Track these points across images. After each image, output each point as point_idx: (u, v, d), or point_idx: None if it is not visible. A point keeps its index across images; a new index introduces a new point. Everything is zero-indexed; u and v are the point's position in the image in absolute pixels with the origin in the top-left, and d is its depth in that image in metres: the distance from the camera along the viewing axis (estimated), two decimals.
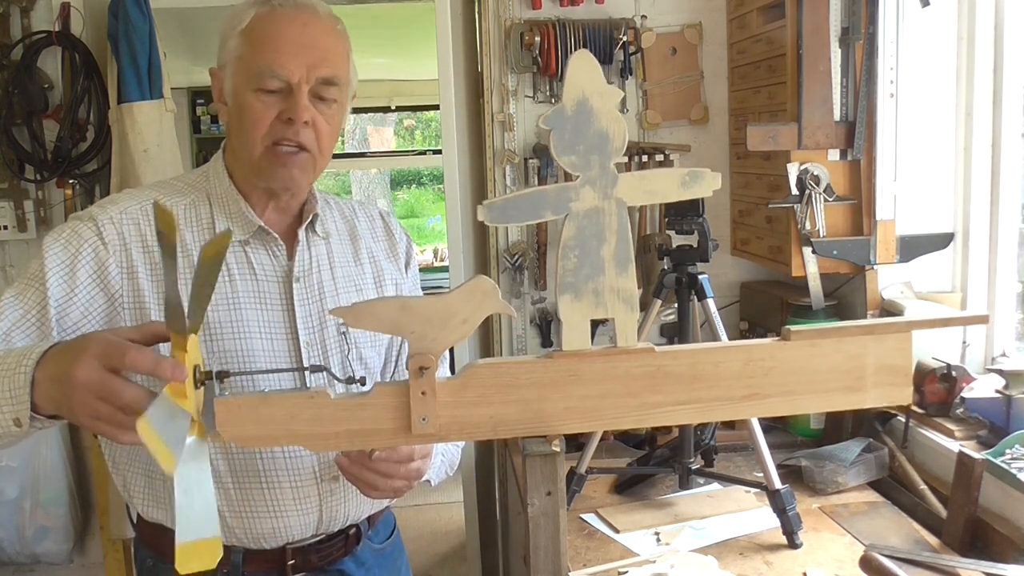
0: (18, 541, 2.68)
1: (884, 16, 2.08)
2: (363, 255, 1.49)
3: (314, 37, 1.30)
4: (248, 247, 1.36)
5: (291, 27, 1.29)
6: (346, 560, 1.44)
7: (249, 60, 1.29)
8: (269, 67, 1.27)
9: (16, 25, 2.61)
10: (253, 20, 1.31)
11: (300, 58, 1.28)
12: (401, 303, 0.90)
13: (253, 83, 1.28)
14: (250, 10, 1.32)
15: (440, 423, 0.92)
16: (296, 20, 1.30)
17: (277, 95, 1.29)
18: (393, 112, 7.77)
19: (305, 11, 1.32)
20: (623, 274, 0.92)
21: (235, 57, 1.31)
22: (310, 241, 1.42)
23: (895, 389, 0.96)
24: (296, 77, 1.28)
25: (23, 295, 1.24)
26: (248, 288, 1.34)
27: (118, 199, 1.35)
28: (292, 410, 0.92)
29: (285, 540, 1.36)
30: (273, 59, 1.27)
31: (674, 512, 1.95)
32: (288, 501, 1.34)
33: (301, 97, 1.28)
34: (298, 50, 1.28)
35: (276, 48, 1.28)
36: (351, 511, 1.42)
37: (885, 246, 2.13)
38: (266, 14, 1.31)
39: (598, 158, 0.90)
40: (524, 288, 2.64)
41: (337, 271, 1.44)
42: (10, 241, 2.68)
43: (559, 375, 0.93)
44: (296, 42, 1.29)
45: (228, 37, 1.33)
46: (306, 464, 1.34)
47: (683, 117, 2.62)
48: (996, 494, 1.71)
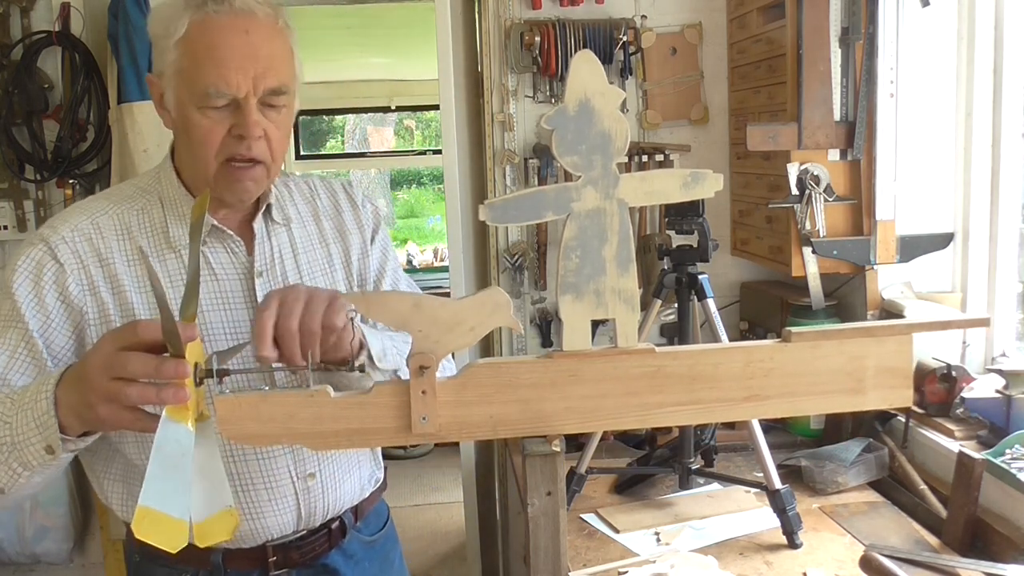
0: (18, 541, 2.68)
1: (884, 16, 2.08)
2: (328, 235, 1.45)
3: (256, 45, 1.23)
4: (205, 247, 1.32)
5: (231, 37, 1.22)
6: (332, 554, 1.42)
7: (190, 76, 1.22)
8: (214, 85, 1.20)
9: (16, 25, 2.61)
10: (189, 29, 1.22)
11: (245, 71, 1.21)
12: (415, 301, 0.91)
13: (198, 100, 1.22)
14: (183, 16, 1.23)
15: (440, 422, 0.92)
16: (235, 28, 1.22)
17: (224, 110, 1.23)
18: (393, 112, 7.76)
19: (242, 16, 1.23)
20: (624, 274, 0.92)
21: (175, 70, 1.24)
22: (269, 231, 1.38)
23: (895, 391, 0.96)
24: (243, 92, 1.22)
25: (3, 336, 1.24)
26: (209, 290, 1.31)
27: (68, 216, 1.32)
28: (292, 409, 0.92)
29: (264, 539, 1.35)
30: (216, 76, 1.20)
31: (674, 512, 1.95)
32: (264, 502, 1.33)
33: (251, 112, 1.22)
34: (242, 63, 1.21)
35: (218, 63, 1.20)
36: (331, 506, 1.40)
37: (885, 246, 2.13)
38: (201, 22, 1.22)
39: (600, 158, 0.90)
40: (524, 288, 2.64)
41: (301, 257, 1.40)
42: (10, 241, 2.68)
43: (559, 375, 0.93)
44: (239, 54, 1.21)
45: (164, 47, 1.25)
46: (280, 464, 1.33)
47: (683, 117, 2.63)
48: (996, 494, 1.71)
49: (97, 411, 1.01)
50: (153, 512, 0.86)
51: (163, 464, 0.87)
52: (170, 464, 0.88)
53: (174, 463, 0.88)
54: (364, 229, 1.49)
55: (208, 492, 0.94)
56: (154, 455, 0.87)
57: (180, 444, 0.89)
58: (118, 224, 1.31)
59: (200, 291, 1.25)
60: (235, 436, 0.93)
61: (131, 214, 1.32)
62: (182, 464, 0.89)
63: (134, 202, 1.34)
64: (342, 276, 1.44)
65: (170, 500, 0.87)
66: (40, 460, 1.09)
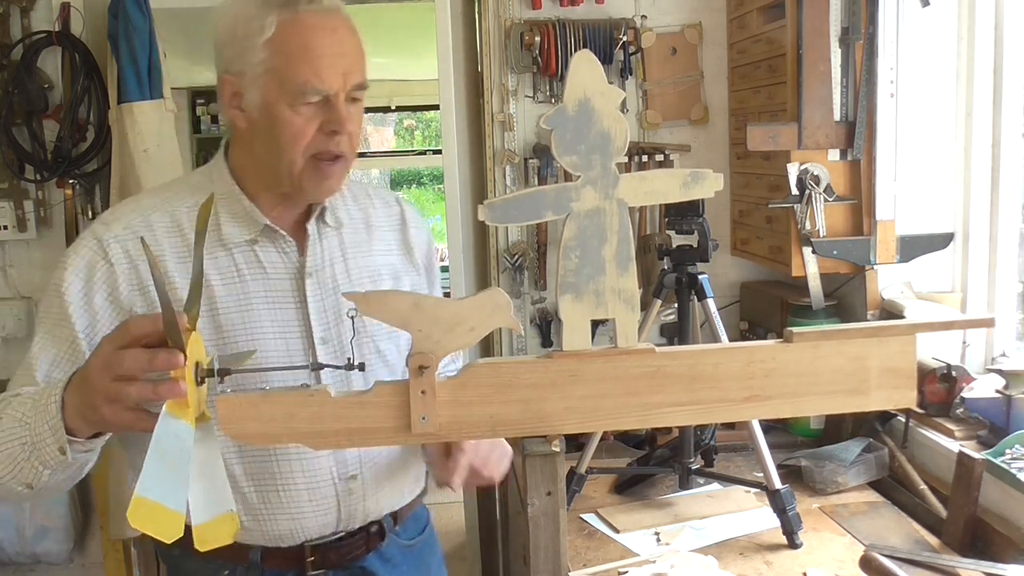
0: (18, 541, 2.67)
1: (884, 16, 2.07)
2: (377, 245, 1.46)
3: (343, 43, 1.27)
4: (257, 246, 1.34)
5: (322, 35, 1.25)
6: (370, 557, 1.43)
7: (284, 74, 1.24)
8: (309, 82, 1.24)
9: (16, 25, 2.61)
10: (279, 29, 1.25)
11: (336, 68, 1.25)
12: (415, 300, 0.91)
13: (290, 98, 1.25)
14: (268, 15, 1.25)
15: (440, 422, 0.92)
16: (325, 26, 1.26)
17: (315, 106, 1.26)
18: (393, 112, 7.76)
19: (330, 15, 1.27)
20: (624, 274, 0.92)
21: (264, 70, 1.26)
22: (321, 233, 1.39)
23: (899, 392, 0.96)
24: (335, 88, 1.25)
25: (53, 334, 1.27)
26: (259, 288, 1.32)
27: (121, 213, 1.34)
28: (292, 408, 0.92)
29: (303, 539, 1.36)
30: (311, 73, 1.24)
31: (674, 512, 1.95)
32: (304, 502, 1.34)
33: (342, 108, 1.26)
34: (333, 60, 1.25)
35: (313, 61, 1.24)
36: (371, 509, 1.40)
37: (885, 246, 2.13)
38: (292, 21, 1.25)
39: (600, 158, 0.90)
40: (524, 288, 2.64)
41: (351, 262, 1.41)
42: (10, 241, 2.68)
43: (559, 375, 0.93)
44: (331, 52, 1.25)
45: (246, 47, 1.26)
46: (322, 465, 1.33)
47: (683, 117, 2.62)
48: (996, 494, 1.71)
49: (101, 412, 1.01)
50: (149, 502, 0.86)
51: (161, 459, 0.87)
52: (168, 459, 0.87)
53: (172, 459, 0.88)
54: (412, 251, 1.50)
55: (209, 495, 0.94)
56: (152, 449, 0.87)
57: (179, 440, 0.89)
58: (170, 221, 1.32)
59: (248, 289, 1.31)
60: (235, 435, 0.93)
61: (182, 212, 1.33)
62: (180, 460, 0.88)
63: (185, 200, 1.35)
64: (389, 287, 1.44)
65: (167, 492, 0.87)
66: (56, 460, 1.11)
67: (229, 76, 1.30)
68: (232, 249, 1.32)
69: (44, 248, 2.70)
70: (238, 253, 1.32)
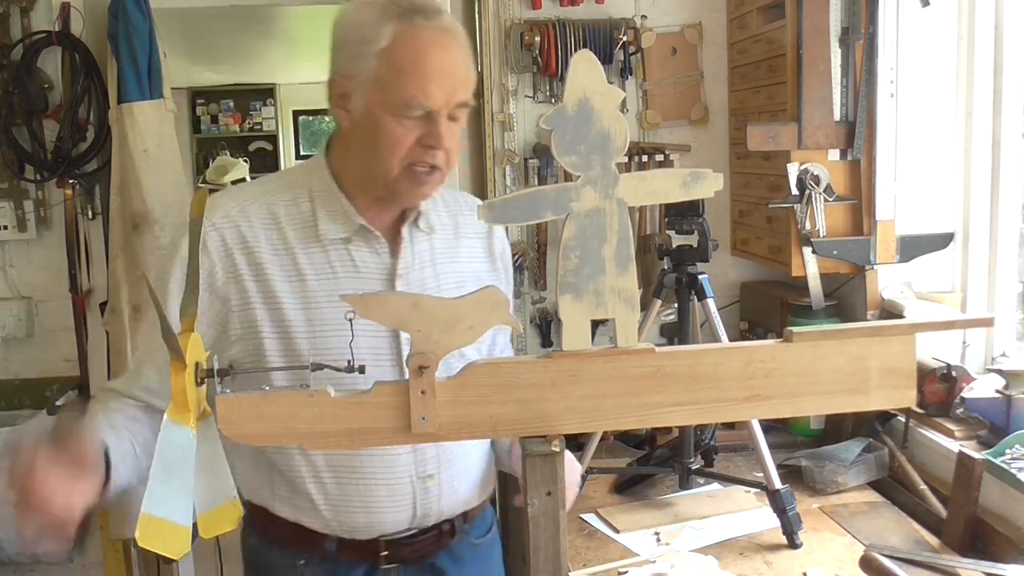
0: (18, 541, 2.67)
1: (884, 16, 2.08)
2: (464, 252, 1.49)
3: (455, 62, 1.30)
4: (350, 245, 1.37)
5: (434, 52, 1.28)
6: (441, 555, 1.46)
7: (391, 86, 1.27)
8: (415, 97, 1.26)
9: (16, 25, 2.60)
10: (394, 41, 1.27)
11: (442, 86, 1.28)
12: (413, 300, 0.90)
13: (395, 109, 1.28)
14: (386, 25, 1.27)
15: (440, 422, 0.92)
16: (439, 44, 1.29)
17: (417, 120, 1.29)
18: None
19: (446, 33, 1.30)
20: (624, 274, 0.92)
21: (372, 77, 1.29)
22: (414, 237, 1.42)
23: (899, 391, 0.95)
24: (439, 105, 1.28)
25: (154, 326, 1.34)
26: (350, 285, 1.35)
27: (222, 202, 1.38)
28: (293, 408, 0.92)
29: (379, 533, 1.39)
30: (418, 89, 1.26)
31: (674, 512, 1.95)
32: (383, 497, 1.37)
33: (442, 125, 1.29)
34: (442, 79, 1.28)
35: (422, 77, 1.26)
36: (444, 508, 1.43)
37: (885, 246, 2.13)
38: (407, 34, 1.27)
39: (599, 158, 0.90)
40: (524, 288, 2.64)
41: (440, 267, 1.44)
42: (10, 241, 2.68)
43: (559, 375, 0.93)
44: (440, 70, 1.28)
45: (360, 53, 1.29)
46: (402, 462, 1.37)
47: (683, 117, 2.63)
48: (996, 494, 1.71)
49: None
50: (156, 520, 0.86)
51: (165, 467, 0.87)
52: (172, 468, 0.88)
53: (176, 466, 0.88)
54: (496, 258, 1.56)
55: (212, 485, 0.95)
56: (156, 460, 0.87)
57: (181, 447, 0.89)
58: (266, 214, 1.37)
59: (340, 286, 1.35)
60: (235, 435, 0.93)
61: (279, 205, 1.38)
62: (184, 467, 0.89)
63: (282, 194, 1.39)
64: None
65: (172, 506, 0.87)
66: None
67: (340, 78, 1.34)
68: (327, 246, 1.36)
69: (44, 248, 2.70)
70: (332, 250, 1.36)
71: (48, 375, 2.73)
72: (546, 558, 1.02)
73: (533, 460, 0.98)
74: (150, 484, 0.87)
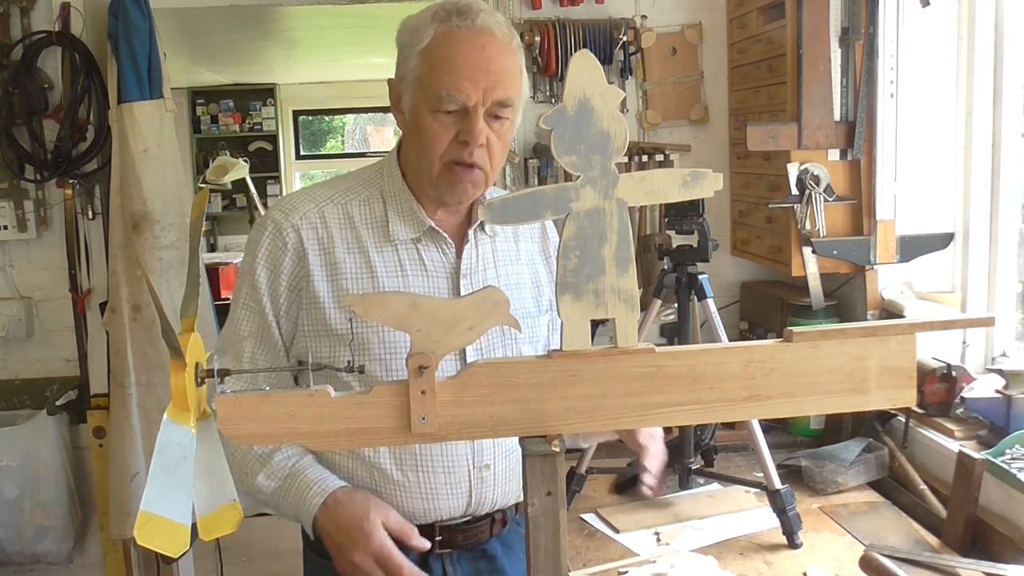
0: (18, 541, 2.67)
1: (884, 16, 2.08)
2: (523, 255, 1.55)
3: (490, 60, 1.33)
4: (420, 244, 1.43)
5: (469, 50, 1.33)
6: (493, 542, 1.51)
7: (428, 81, 1.33)
8: (447, 91, 1.31)
9: (16, 25, 2.61)
10: (432, 40, 1.34)
11: (476, 82, 1.32)
12: (413, 300, 0.91)
13: (431, 104, 1.33)
14: (429, 28, 1.35)
15: (440, 422, 0.92)
16: (474, 43, 1.33)
17: (454, 115, 1.34)
18: None
19: (483, 33, 1.34)
20: (624, 274, 0.92)
21: (415, 76, 1.36)
22: (478, 240, 1.48)
23: (899, 391, 0.96)
24: (472, 100, 1.32)
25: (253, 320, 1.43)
26: (419, 283, 1.42)
27: (297, 203, 1.44)
28: (293, 408, 0.92)
29: (435, 519, 1.43)
30: (451, 83, 1.31)
31: (674, 512, 1.95)
32: (440, 485, 1.42)
33: (477, 121, 1.33)
34: (474, 75, 1.32)
35: (453, 72, 1.32)
36: (499, 498, 1.48)
37: (885, 246, 2.13)
38: (444, 34, 1.34)
39: (599, 158, 0.90)
40: None
41: (500, 269, 1.50)
42: (10, 241, 2.68)
43: (559, 375, 0.93)
44: (473, 66, 1.32)
45: (408, 54, 1.37)
46: (460, 451, 1.42)
47: (683, 117, 2.63)
48: (996, 494, 1.71)
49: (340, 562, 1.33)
50: (155, 518, 0.86)
51: (165, 466, 0.87)
52: (172, 466, 0.88)
53: (175, 465, 0.88)
54: (550, 261, 1.60)
55: (212, 487, 0.95)
56: (155, 459, 0.88)
57: (181, 446, 0.89)
58: (342, 213, 1.43)
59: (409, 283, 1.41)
60: (236, 435, 0.93)
61: (354, 205, 1.44)
62: (183, 466, 0.89)
63: (356, 193, 1.46)
64: (530, 295, 1.54)
65: (171, 504, 0.87)
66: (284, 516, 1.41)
67: (395, 80, 1.42)
68: (397, 245, 1.42)
69: (44, 248, 2.70)
70: (402, 249, 1.43)
71: (48, 375, 2.74)
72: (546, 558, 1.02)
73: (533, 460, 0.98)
74: (149, 482, 0.87)
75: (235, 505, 0.97)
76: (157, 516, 0.86)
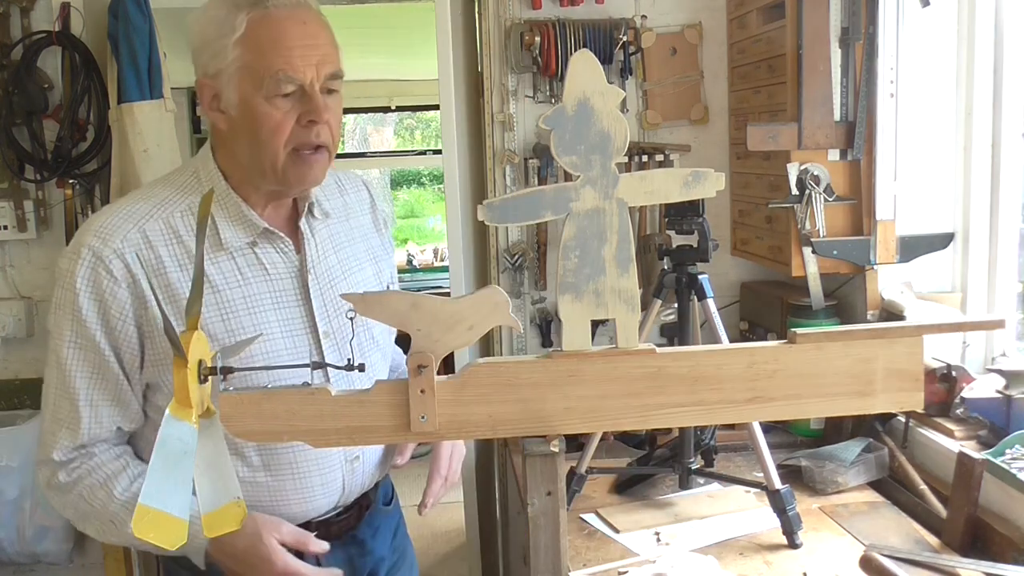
0: (18, 541, 2.67)
1: (884, 16, 2.07)
2: (356, 232, 1.52)
3: (314, 34, 1.30)
4: (256, 248, 1.37)
5: (292, 27, 1.28)
6: (360, 526, 1.52)
7: (257, 68, 1.27)
8: (283, 71, 1.26)
9: (16, 25, 2.60)
10: (249, 26, 1.27)
11: (308, 59, 1.28)
12: (413, 300, 0.91)
13: (266, 91, 1.27)
14: (238, 15, 1.28)
15: (439, 421, 0.92)
16: (294, 18, 1.29)
17: (291, 98, 1.28)
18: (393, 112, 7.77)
19: (299, 9, 1.30)
20: (624, 274, 0.92)
21: (236, 67, 1.29)
22: (313, 228, 1.43)
23: (905, 394, 0.95)
24: (308, 78, 1.28)
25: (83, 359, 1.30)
26: (263, 289, 1.36)
27: (114, 226, 1.32)
28: (293, 406, 0.92)
29: (310, 518, 1.43)
30: (284, 64, 1.26)
31: (674, 512, 1.94)
32: (316, 487, 1.41)
33: (317, 97, 1.29)
34: (305, 51, 1.28)
35: (284, 51, 1.27)
36: (367, 483, 1.50)
37: (885, 246, 2.13)
38: (261, 17, 1.28)
39: (599, 158, 0.90)
40: (524, 288, 2.64)
41: (340, 253, 1.47)
42: (10, 241, 2.68)
43: (559, 375, 0.93)
44: (302, 43, 1.28)
45: (218, 48, 1.29)
46: (334, 451, 1.41)
47: (683, 117, 2.62)
48: (996, 494, 1.71)
49: None
50: (152, 511, 0.87)
51: (165, 461, 0.88)
52: (172, 461, 0.88)
53: (176, 460, 0.88)
54: (382, 231, 1.59)
55: (215, 484, 0.95)
56: (156, 452, 0.88)
57: (183, 442, 0.89)
58: (165, 228, 1.33)
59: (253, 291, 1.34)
60: (237, 432, 0.93)
61: (176, 217, 1.34)
62: (184, 462, 0.89)
63: (177, 204, 1.35)
64: (371, 273, 1.52)
65: (169, 498, 0.88)
66: None
67: (206, 79, 1.33)
68: (233, 252, 1.35)
69: (44, 248, 2.70)
70: (239, 256, 1.35)
71: None
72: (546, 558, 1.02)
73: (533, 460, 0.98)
74: (148, 476, 0.87)
75: (239, 502, 0.97)
76: (155, 509, 0.87)
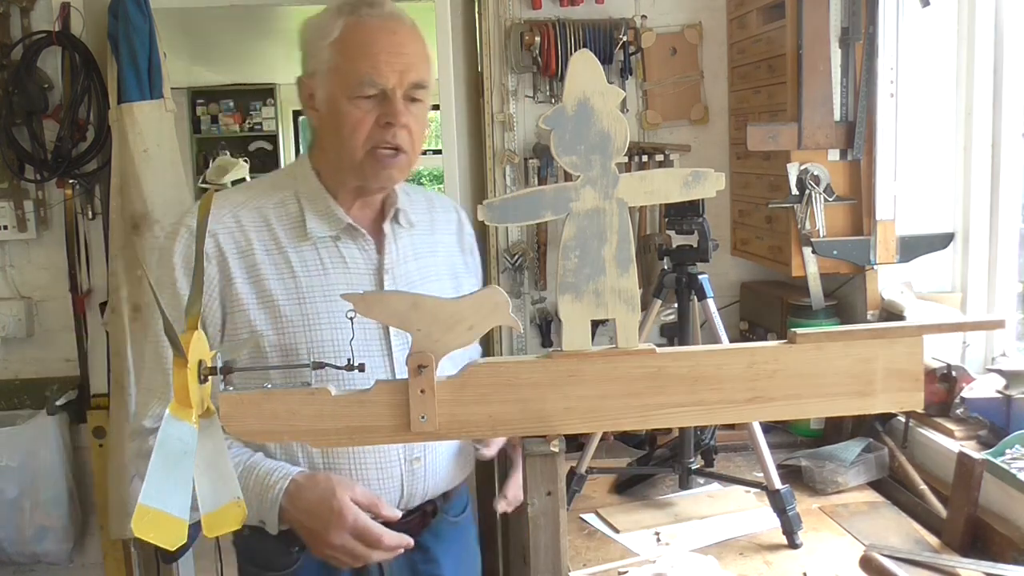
0: (18, 541, 2.67)
1: (884, 16, 2.07)
2: (440, 247, 1.59)
3: (403, 44, 1.39)
4: (339, 242, 1.45)
5: (382, 35, 1.38)
6: (424, 534, 1.53)
7: (344, 70, 1.37)
8: (368, 76, 1.36)
9: (16, 25, 2.60)
10: (343, 31, 1.38)
11: (392, 65, 1.37)
12: (413, 300, 0.91)
13: (351, 91, 1.37)
14: (337, 20, 1.39)
15: (439, 421, 0.92)
16: (385, 28, 1.39)
17: (373, 100, 1.37)
18: None
19: (391, 19, 1.40)
20: (624, 274, 0.92)
21: (328, 68, 1.39)
22: (396, 233, 1.51)
23: (906, 394, 0.95)
24: (391, 83, 1.37)
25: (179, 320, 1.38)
26: (341, 280, 1.43)
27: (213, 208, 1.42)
28: (294, 406, 0.92)
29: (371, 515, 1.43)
30: (369, 67, 1.36)
31: (674, 512, 1.94)
32: (373, 481, 1.44)
33: (397, 102, 1.37)
34: (390, 58, 1.37)
35: (370, 57, 1.36)
36: (430, 489, 1.51)
37: (885, 246, 2.13)
38: (355, 24, 1.38)
39: (599, 158, 0.90)
40: (524, 288, 2.64)
41: (421, 261, 1.53)
42: (10, 241, 2.68)
43: (559, 375, 0.93)
44: (388, 50, 1.37)
45: (317, 48, 1.40)
46: (392, 447, 1.43)
47: (683, 117, 2.62)
48: (996, 494, 1.71)
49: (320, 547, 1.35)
50: (152, 511, 0.87)
51: (165, 461, 0.88)
52: (172, 461, 0.88)
53: (176, 460, 0.88)
54: (467, 254, 1.66)
55: (216, 485, 0.95)
56: (156, 452, 0.88)
57: (182, 442, 0.89)
58: (257, 217, 1.45)
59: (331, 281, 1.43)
60: (238, 432, 0.93)
61: (268, 208, 1.46)
62: (184, 462, 0.89)
63: (270, 197, 1.48)
64: (449, 286, 1.58)
65: (169, 498, 0.88)
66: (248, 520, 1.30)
67: (305, 79, 1.45)
68: (316, 244, 1.44)
69: (44, 248, 2.70)
70: (322, 248, 1.44)
71: (48, 375, 2.74)
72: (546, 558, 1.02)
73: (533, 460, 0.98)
74: (148, 476, 0.87)
75: (239, 502, 0.98)
76: (155, 509, 0.87)
